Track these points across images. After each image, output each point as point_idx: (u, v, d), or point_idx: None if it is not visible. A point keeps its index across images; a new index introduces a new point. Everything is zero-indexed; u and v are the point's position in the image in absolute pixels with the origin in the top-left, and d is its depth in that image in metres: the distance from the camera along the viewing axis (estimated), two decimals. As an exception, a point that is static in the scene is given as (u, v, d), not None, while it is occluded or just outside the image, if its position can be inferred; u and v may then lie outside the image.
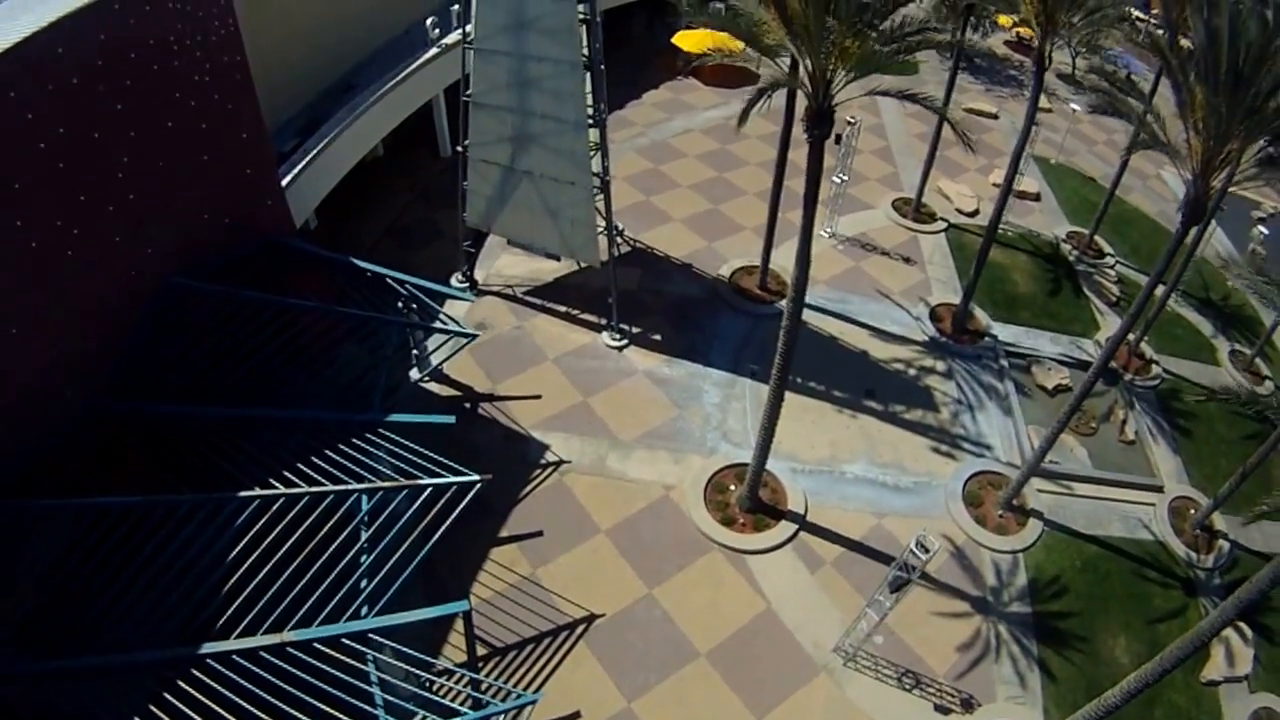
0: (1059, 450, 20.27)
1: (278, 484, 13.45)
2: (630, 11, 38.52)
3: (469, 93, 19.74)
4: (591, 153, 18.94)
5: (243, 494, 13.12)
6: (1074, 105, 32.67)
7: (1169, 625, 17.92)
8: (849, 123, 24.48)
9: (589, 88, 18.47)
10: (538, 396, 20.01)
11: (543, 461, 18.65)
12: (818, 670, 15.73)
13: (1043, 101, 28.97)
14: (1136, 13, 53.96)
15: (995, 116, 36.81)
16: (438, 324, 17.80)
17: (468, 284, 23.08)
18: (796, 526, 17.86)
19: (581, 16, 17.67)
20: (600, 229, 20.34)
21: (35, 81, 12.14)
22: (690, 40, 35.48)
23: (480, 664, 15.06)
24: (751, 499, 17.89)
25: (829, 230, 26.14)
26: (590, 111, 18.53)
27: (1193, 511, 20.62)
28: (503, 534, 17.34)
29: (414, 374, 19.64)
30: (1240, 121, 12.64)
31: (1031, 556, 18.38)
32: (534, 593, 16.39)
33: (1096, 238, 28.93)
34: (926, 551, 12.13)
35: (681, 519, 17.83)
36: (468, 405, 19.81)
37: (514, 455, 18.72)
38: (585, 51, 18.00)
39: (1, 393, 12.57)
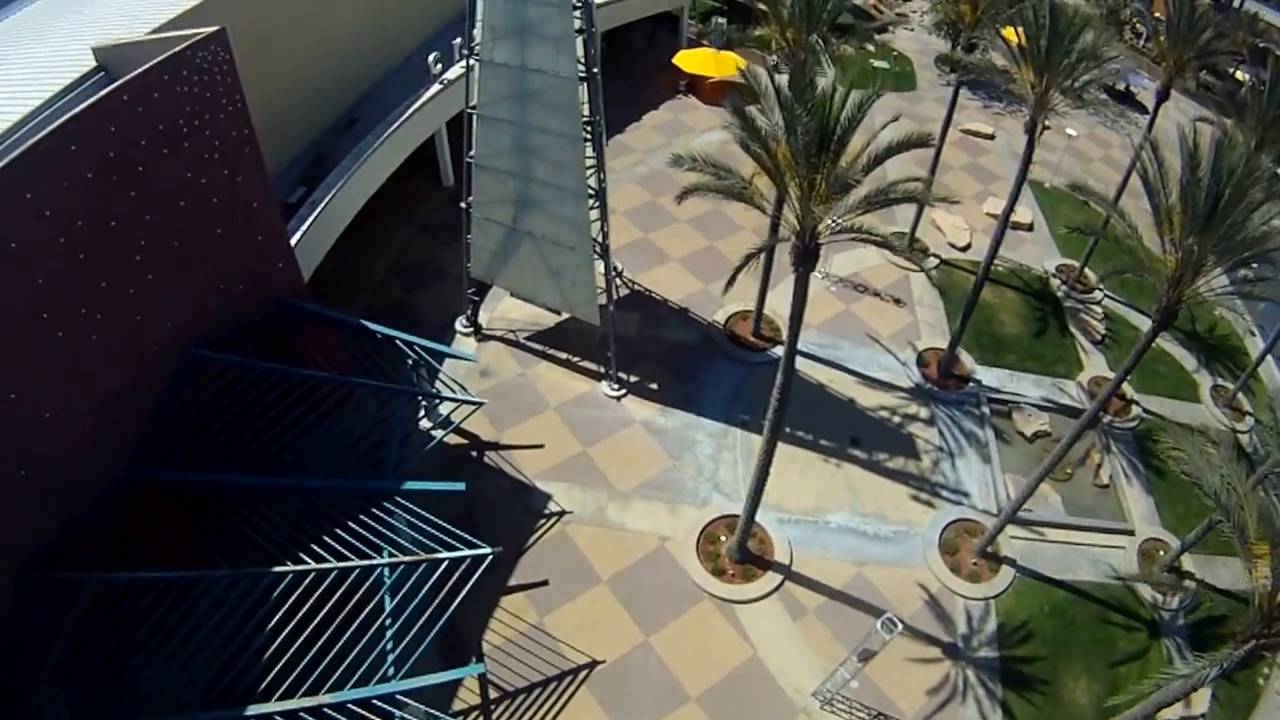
0: (1033, 496, 22.28)
1: (307, 558, 15.50)
2: (632, 23, 39.69)
3: (471, 153, 21.40)
4: (590, 192, 20.28)
5: (276, 569, 15.18)
6: (1071, 131, 34.19)
7: (1129, 668, 20.07)
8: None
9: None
10: (540, 446, 22.02)
11: (546, 512, 20.71)
12: (797, 713, 17.96)
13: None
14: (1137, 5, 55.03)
15: (992, 137, 38.30)
16: (446, 392, 19.66)
17: (472, 329, 24.97)
18: (782, 577, 19.99)
19: (582, 80, 19.22)
20: (600, 289, 22.11)
21: (51, 180, 13.51)
22: (691, 61, 36.98)
23: (492, 708, 17.25)
24: (741, 550, 19.99)
25: (823, 271, 27.94)
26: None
27: (1162, 553, 22.72)
28: (512, 583, 19.47)
29: (425, 423, 21.61)
30: (1213, 247, 14.46)
31: (1002, 603, 20.53)
32: (541, 640, 18.56)
33: (1087, 270, 30.70)
34: (892, 631, 14.16)
35: (676, 569, 19.94)
36: (474, 454, 21.81)
37: (519, 506, 20.78)
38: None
39: (39, 471, 14.38)
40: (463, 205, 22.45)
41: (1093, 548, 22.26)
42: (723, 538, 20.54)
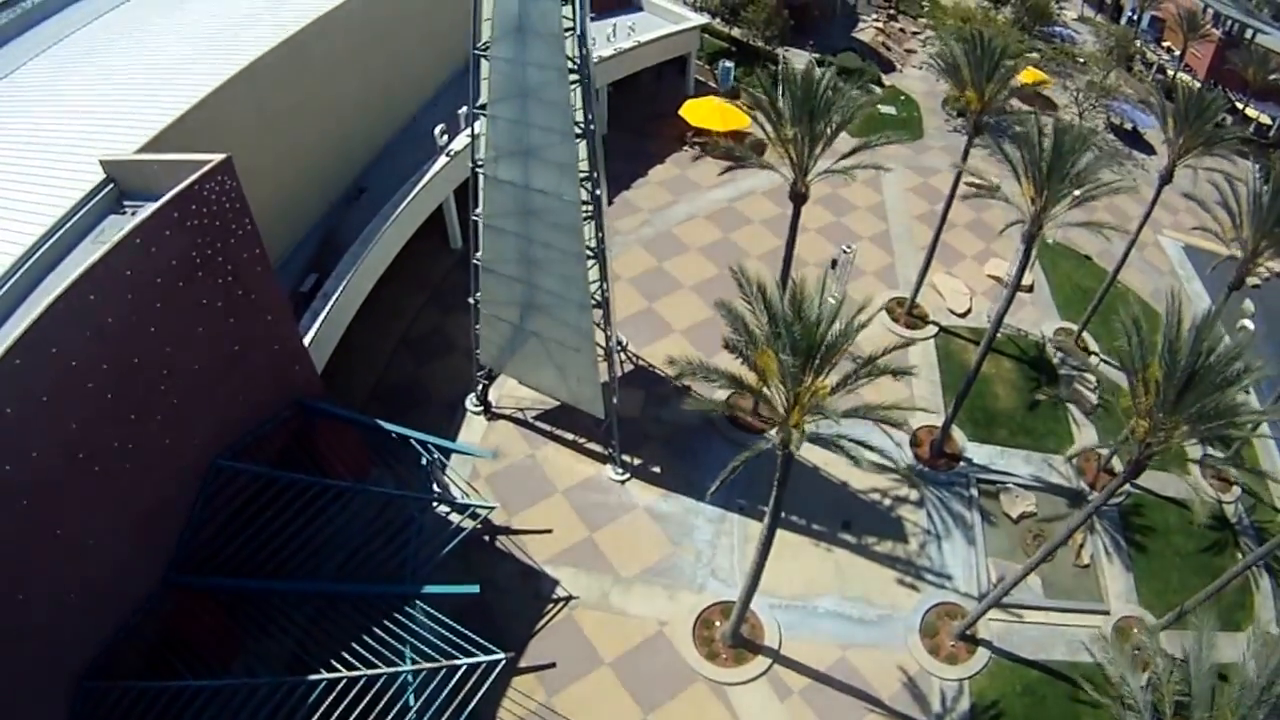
0: (1012, 577, 24.75)
1: (338, 664, 18.37)
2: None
3: (479, 255, 23.81)
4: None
5: (311, 677, 18.09)
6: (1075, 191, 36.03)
7: (1094, 747, 22.65)
8: (844, 251, 28.46)
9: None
10: (549, 531, 24.81)
11: (554, 597, 23.53)
12: (782, 791, 20.75)
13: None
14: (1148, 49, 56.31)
15: (997, 188, 40.10)
16: (459, 488, 22.40)
17: (482, 408, 27.71)
18: (771, 660, 22.76)
19: (586, 214, 21.62)
20: (604, 380, 24.67)
21: (75, 331, 15.25)
22: (697, 114, 39.15)
23: (504, 787, 20.22)
24: (734, 635, 22.72)
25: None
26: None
27: (1136, 630, 25.17)
28: (523, 664, 22.33)
29: (440, 509, 24.38)
30: (1182, 420, 16.87)
31: (976, 683, 23.19)
32: (549, 719, 21.39)
33: (1085, 334, 32.86)
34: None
35: (673, 653, 22.74)
36: (487, 538, 24.61)
37: (529, 590, 23.60)
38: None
39: (87, 591, 16.94)
40: (474, 261, 23.93)
41: (1068, 627, 24.77)
42: (717, 622, 23.28)
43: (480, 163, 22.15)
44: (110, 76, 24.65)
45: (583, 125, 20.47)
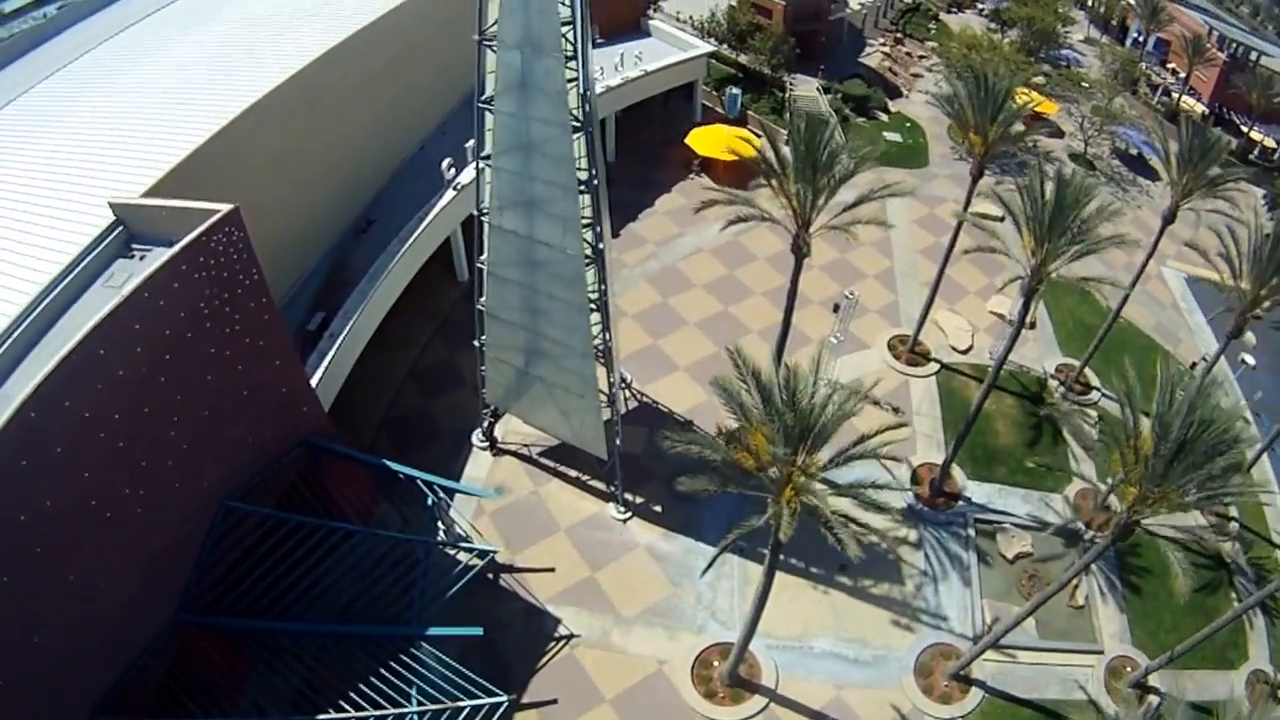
0: (1006, 618, 25.41)
1: (346, 705, 19.29)
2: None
3: (483, 300, 24.64)
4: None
5: (320, 718, 18.95)
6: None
7: (1083, 786, 23.37)
8: (846, 297, 29.26)
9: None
10: (551, 569, 25.65)
11: (557, 635, 24.37)
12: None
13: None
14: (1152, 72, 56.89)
15: (1001, 219, 40.84)
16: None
17: (488, 443, 28.59)
18: (767, 700, 23.54)
19: (588, 259, 22.33)
20: (607, 418, 25.49)
21: (86, 385, 15.92)
22: (704, 143, 40.03)
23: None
24: (732, 675, 23.48)
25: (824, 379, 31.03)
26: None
27: (1129, 669, 25.83)
28: (525, 700, 23.14)
29: (442, 535, 25.19)
30: (1171, 486, 17.64)
31: (968, 723, 23.87)
32: (549, 757, 22.27)
33: (1086, 370, 33.52)
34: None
35: (672, 691, 23.54)
36: (491, 575, 25.45)
37: (532, 629, 24.45)
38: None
39: (100, 631, 17.77)
40: (479, 306, 24.83)
41: (1061, 667, 25.44)
42: (716, 663, 24.06)
43: (485, 210, 22.96)
44: (120, 105, 25.28)
45: (586, 180, 21.19)
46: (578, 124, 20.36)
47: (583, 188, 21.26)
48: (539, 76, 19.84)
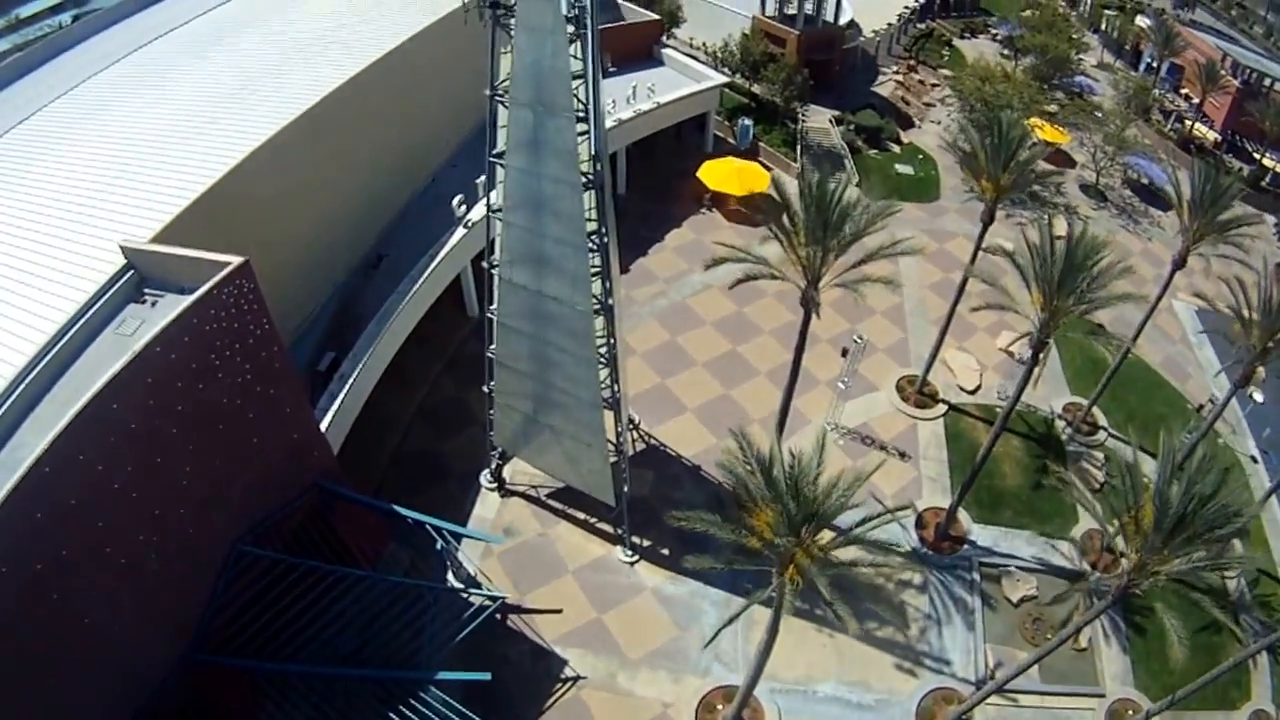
0: (1009, 662, 25.88)
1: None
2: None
3: (493, 348, 25.34)
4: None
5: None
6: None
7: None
8: (855, 341, 29.86)
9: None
10: (559, 611, 26.32)
11: (564, 677, 25.04)
12: None
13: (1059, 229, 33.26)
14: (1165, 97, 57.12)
15: (1012, 254, 41.26)
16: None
17: (496, 484, 29.33)
18: (770, 745, 24.06)
19: (596, 310, 22.96)
20: (613, 460, 26.15)
21: (100, 437, 16.48)
22: (715, 177, 40.76)
23: None
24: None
25: (831, 423, 31.65)
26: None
27: (1131, 713, 26.20)
28: (531, 742, 23.83)
29: (451, 579, 25.94)
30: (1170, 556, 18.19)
31: (970, 769, 24.33)
32: (556, 799, 22.95)
33: (1094, 409, 33.92)
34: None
35: (677, 736, 24.15)
36: (499, 616, 26.16)
37: (539, 670, 25.14)
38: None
39: (110, 674, 18.46)
40: (489, 354, 25.39)
41: (1062, 710, 25.88)
42: (720, 706, 24.66)
43: (495, 264, 23.68)
44: (130, 134, 25.92)
45: (596, 238, 21.85)
46: (589, 181, 20.91)
47: (594, 246, 21.82)
48: (551, 135, 20.35)
